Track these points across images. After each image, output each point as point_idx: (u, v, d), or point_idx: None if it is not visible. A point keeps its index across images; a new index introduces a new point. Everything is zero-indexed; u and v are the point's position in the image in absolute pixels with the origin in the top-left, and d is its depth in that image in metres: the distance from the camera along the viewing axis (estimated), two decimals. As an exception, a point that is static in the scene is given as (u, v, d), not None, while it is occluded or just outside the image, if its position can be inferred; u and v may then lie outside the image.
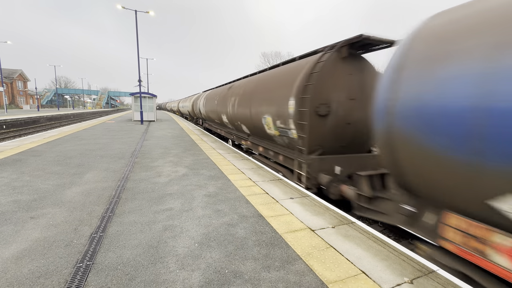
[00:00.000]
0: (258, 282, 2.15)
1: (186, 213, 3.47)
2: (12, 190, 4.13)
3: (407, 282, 2.18)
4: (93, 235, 2.81)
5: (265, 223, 3.23)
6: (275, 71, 6.93)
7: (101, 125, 16.74)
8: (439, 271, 2.35)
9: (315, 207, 3.81)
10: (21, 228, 2.92)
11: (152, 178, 5.06)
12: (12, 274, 2.14)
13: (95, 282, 2.08)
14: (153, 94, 23.02)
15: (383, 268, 2.37)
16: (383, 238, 2.93)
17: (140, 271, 2.24)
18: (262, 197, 4.16)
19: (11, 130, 18.85)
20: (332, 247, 2.71)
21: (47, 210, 3.43)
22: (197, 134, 13.09)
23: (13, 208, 3.45)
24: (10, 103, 52.20)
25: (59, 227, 2.97)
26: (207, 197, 4.10)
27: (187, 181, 4.90)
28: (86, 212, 3.39)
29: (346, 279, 2.21)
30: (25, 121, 23.31)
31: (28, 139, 9.54)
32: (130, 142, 9.78)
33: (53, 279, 2.10)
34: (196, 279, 2.16)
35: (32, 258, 2.37)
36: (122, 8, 17.51)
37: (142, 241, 2.72)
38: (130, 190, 4.30)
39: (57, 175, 5.03)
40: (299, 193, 4.41)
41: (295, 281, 2.17)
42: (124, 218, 3.25)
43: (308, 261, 2.45)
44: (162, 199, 3.96)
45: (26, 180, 4.68)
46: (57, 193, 4.06)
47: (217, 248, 2.65)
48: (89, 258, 2.39)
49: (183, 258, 2.45)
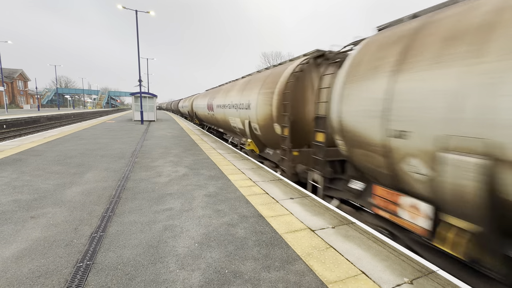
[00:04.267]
0: (258, 282, 2.15)
1: (186, 213, 3.48)
2: (12, 190, 4.13)
3: (407, 283, 2.18)
4: (93, 235, 2.81)
5: (265, 223, 3.24)
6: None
7: (102, 125, 16.76)
8: (439, 271, 2.35)
9: (315, 207, 3.81)
10: (21, 228, 2.92)
11: (152, 178, 5.07)
12: (12, 274, 2.14)
13: (95, 282, 2.08)
14: (153, 94, 23.03)
15: (383, 269, 2.37)
16: (383, 239, 2.93)
17: (140, 271, 2.24)
18: (262, 197, 4.16)
19: (11, 130, 18.86)
20: (332, 247, 2.71)
21: (47, 209, 3.44)
22: (197, 134, 13.09)
23: (13, 208, 3.45)
24: (11, 103, 52.24)
25: (59, 227, 2.97)
26: (207, 197, 4.11)
27: (187, 181, 4.90)
28: (86, 212, 3.39)
29: (346, 280, 2.21)
30: (26, 121, 23.32)
31: (29, 139, 9.54)
32: (130, 142, 9.78)
33: (53, 279, 2.10)
34: (196, 279, 2.16)
35: (32, 258, 2.37)
36: (123, 8, 17.51)
37: (142, 241, 2.73)
38: (130, 190, 4.31)
39: (58, 175, 5.04)
40: (299, 193, 4.41)
41: (295, 281, 2.17)
42: (124, 218, 3.25)
43: (308, 261, 2.45)
44: (162, 199, 3.96)
45: (26, 179, 4.69)
46: (57, 193, 4.06)
47: (217, 248, 2.65)
48: (89, 258, 2.39)
49: (183, 258, 2.46)
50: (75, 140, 9.63)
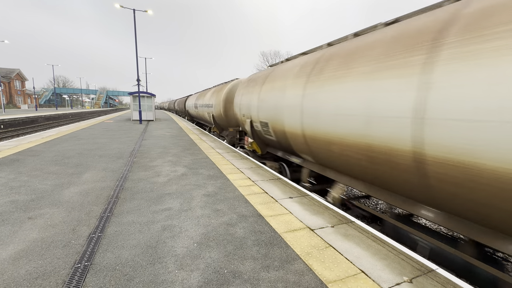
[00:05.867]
0: (257, 282, 2.14)
1: (185, 213, 3.46)
2: (9, 190, 4.10)
3: (407, 281, 2.18)
4: (92, 236, 2.79)
5: (264, 223, 3.23)
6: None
7: (100, 125, 16.69)
8: (438, 270, 2.35)
9: (314, 206, 3.81)
10: (18, 229, 2.90)
11: (151, 177, 5.04)
12: (10, 275, 2.12)
13: (93, 283, 2.07)
14: (152, 94, 22.96)
15: (382, 267, 2.37)
16: (382, 237, 2.93)
17: (139, 272, 2.23)
18: (261, 197, 4.15)
19: (9, 130, 18.75)
20: (331, 247, 2.70)
21: (45, 210, 3.41)
22: (196, 134, 13.06)
23: (11, 209, 3.42)
24: (8, 103, 51.94)
25: (57, 228, 2.95)
26: (206, 196, 4.09)
27: (186, 181, 4.88)
28: (84, 212, 3.37)
29: (345, 279, 2.20)
30: (23, 121, 23.20)
31: (26, 139, 9.49)
32: (128, 141, 9.75)
33: (51, 280, 2.09)
34: (195, 279, 2.15)
35: (30, 259, 2.35)
36: (121, 7, 17.41)
37: (141, 241, 2.71)
38: (129, 190, 4.28)
39: (55, 175, 5.01)
40: (298, 193, 4.41)
41: (294, 281, 2.16)
42: (123, 218, 3.24)
43: (308, 261, 2.44)
44: (161, 199, 3.94)
45: (23, 180, 4.66)
46: (55, 193, 4.04)
47: (216, 248, 2.64)
48: (87, 259, 2.38)
49: (182, 258, 2.44)
50: (73, 140, 9.58)
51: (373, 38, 3.58)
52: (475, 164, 2.11)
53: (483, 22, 2.14)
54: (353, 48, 3.84)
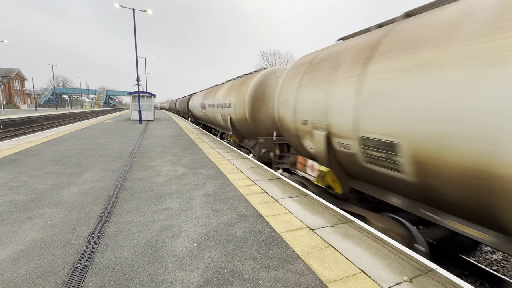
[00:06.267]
0: (257, 282, 2.14)
1: (185, 212, 3.46)
2: (9, 190, 4.09)
3: (407, 281, 2.17)
4: (91, 235, 2.79)
5: (264, 223, 3.22)
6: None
7: (99, 125, 16.68)
8: (438, 269, 2.35)
9: (314, 206, 3.81)
10: (18, 229, 2.89)
11: (151, 177, 5.04)
12: (9, 275, 2.12)
13: (93, 283, 2.06)
14: (152, 93, 22.95)
15: (382, 267, 2.37)
16: (382, 237, 2.93)
17: (138, 272, 2.22)
18: (261, 196, 4.15)
19: (8, 130, 18.75)
20: (331, 246, 2.70)
21: (45, 210, 3.41)
22: (196, 134, 13.06)
23: (10, 209, 3.42)
24: (8, 103, 51.92)
25: (56, 228, 2.94)
26: (206, 196, 4.09)
27: (185, 181, 4.88)
28: (84, 212, 3.37)
29: (345, 278, 2.20)
30: (23, 121, 23.19)
31: (26, 139, 9.48)
32: (128, 141, 9.74)
33: (50, 280, 2.08)
34: (194, 279, 2.15)
35: (29, 259, 2.34)
36: (120, 6, 17.40)
37: (141, 241, 2.71)
38: (129, 190, 4.28)
39: (55, 175, 5.00)
40: (298, 192, 4.40)
41: (294, 281, 2.16)
42: (122, 218, 3.23)
43: (307, 260, 2.44)
44: (161, 198, 3.94)
45: (23, 180, 4.65)
46: (54, 193, 4.03)
47: (216, 247, 2.63)
48: (86, 259, 2.37)
49: (181, 258, 2.44)
50: (73, 140, 9.57)
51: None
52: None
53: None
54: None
